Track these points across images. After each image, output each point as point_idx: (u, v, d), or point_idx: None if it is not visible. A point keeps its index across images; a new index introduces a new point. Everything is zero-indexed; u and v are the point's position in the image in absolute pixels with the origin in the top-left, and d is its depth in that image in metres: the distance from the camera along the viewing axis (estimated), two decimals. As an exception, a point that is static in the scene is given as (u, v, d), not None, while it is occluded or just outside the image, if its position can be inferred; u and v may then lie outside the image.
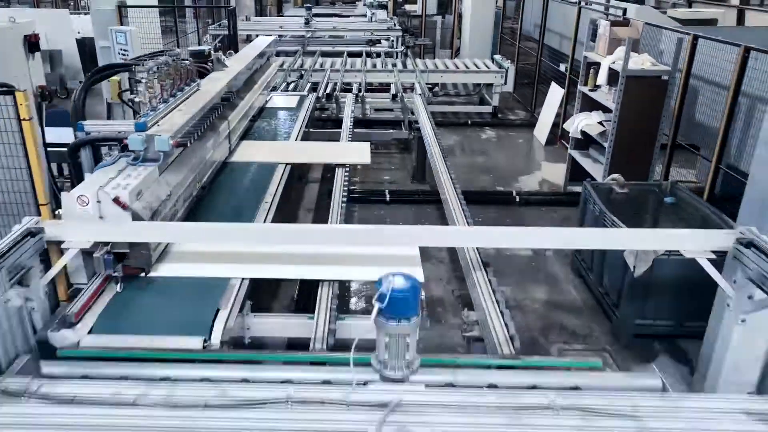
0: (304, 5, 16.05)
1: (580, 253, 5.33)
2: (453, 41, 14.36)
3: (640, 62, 5.80)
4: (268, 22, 12.62)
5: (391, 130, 8.77)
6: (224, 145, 4.88)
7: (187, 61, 4.64)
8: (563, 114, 8.95)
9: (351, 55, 11.67)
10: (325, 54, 11.92)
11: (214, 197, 4.30)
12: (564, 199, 6.93)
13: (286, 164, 5.07)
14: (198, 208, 4.03)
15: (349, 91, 9.27)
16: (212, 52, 5.73)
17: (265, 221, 3.92)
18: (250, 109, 5.97)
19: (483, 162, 8.42)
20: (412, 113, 8.52)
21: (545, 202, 6.93)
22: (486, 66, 10.59)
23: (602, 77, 6.08)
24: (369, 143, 5.73)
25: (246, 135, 5.78)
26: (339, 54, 11.99)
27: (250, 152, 5.27)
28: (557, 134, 9.04)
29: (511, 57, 11.79)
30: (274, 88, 7.61)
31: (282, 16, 18.81)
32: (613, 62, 5.92)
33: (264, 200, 4.24)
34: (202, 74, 5.46)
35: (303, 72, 9.77)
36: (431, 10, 14.27)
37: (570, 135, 6.76)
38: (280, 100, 7.34)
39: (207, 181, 4.34)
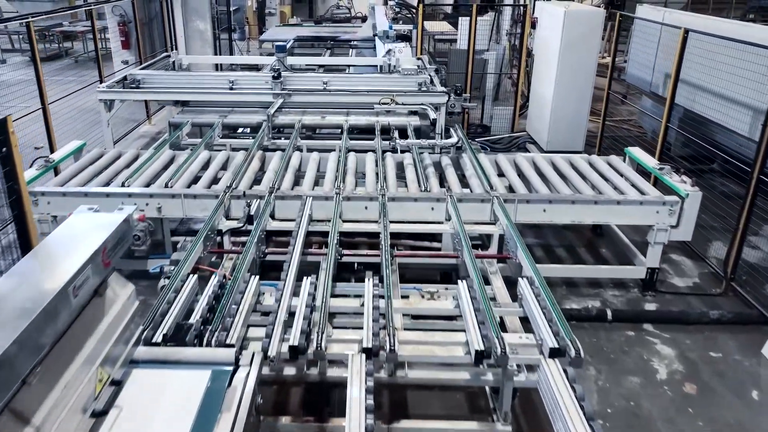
0: (281, 36, 10.86)
1: None
2: (516, 94, 8.99)
3: None
4: (210, 77, 7.07)
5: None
6: None
7: None
8: None
9: (353, 131, 6.40)
10: (308, 134, 6.60)
11: None
12: None
13: None
14: None
15: (355, 245, 4.02)
16: None
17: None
18: None
19: None
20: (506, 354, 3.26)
21: None
22: (634, 186, 5.21)
23: None
24: None
25: None
26: (332, 133, 6.71)
27: None
28: None
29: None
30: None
31: (262, 35, 13.28)
32: None
33: None
34: None
35: (253, 211, 4.47)
36: (481, 44, 8.90)
37: None
38: None
39: None
